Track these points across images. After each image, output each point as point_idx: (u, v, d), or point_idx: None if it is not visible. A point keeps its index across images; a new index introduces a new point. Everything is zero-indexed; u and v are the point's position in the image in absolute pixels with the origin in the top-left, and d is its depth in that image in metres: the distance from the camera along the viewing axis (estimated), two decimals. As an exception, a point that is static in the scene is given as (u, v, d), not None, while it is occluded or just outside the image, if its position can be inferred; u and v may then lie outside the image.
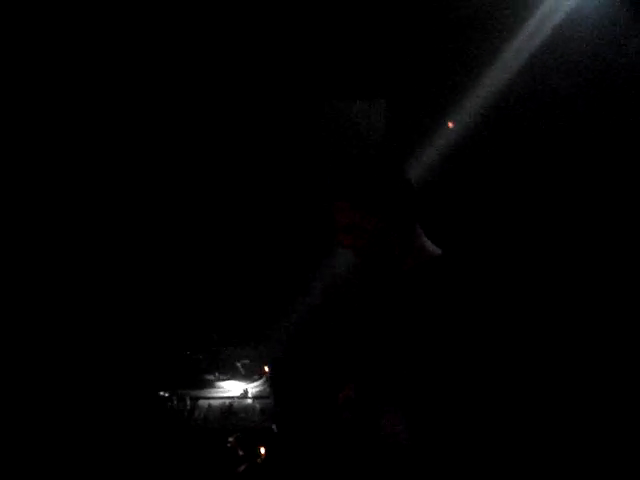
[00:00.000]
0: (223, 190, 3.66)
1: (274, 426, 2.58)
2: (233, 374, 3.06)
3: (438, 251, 2.09)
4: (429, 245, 2.09)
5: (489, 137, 3.48)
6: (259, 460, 2.26)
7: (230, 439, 2.33)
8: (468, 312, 1.98)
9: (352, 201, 1.98)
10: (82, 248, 3.46)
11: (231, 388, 2.94)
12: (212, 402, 2.80)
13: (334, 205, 2.01)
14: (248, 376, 3.04)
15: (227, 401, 2.79)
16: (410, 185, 2.08)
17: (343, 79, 3.75)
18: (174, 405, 2.75)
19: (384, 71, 3.69)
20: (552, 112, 3.38)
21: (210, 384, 2.98)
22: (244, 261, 3.64)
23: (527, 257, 3.48)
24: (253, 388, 2.93)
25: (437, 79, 3.53)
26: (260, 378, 3.03)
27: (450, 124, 3.52)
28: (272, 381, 3.00)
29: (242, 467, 2.26)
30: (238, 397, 2.84)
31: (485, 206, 3.51)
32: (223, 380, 3.01)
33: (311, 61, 3.70)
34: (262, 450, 2.30)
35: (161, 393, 2.82)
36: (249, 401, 2.81)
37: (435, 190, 3.43)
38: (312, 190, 3.72)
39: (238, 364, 3.12)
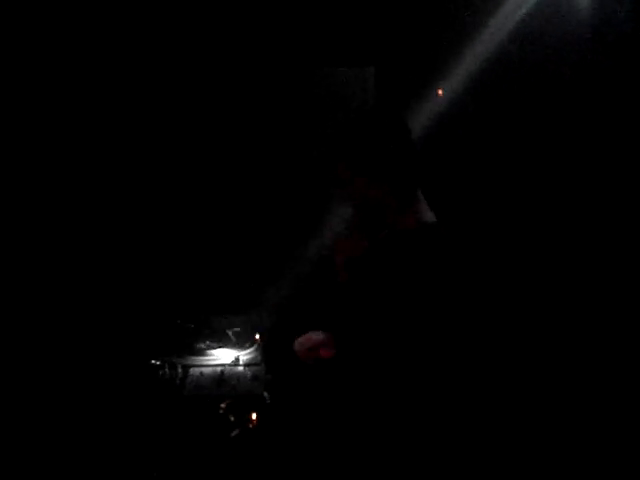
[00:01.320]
0: (211, 160, 3.65)
1: (266, 393, 2.62)
2: (224, 342, 3.08)
3: (433, 218, 2.11)
4: (426, 210, 2.10)
5: (478, 105, 3.47)
6: (251, 426, 2.29)
7: (222, 405, 2.37)
8: (457, 284, 2.01)
9: (353, 167, 2.01)
10: (68, 220, 3.45)
11: (222, 356, 2.97)
12: (204, 370, 2.82)
13: (338, 164, 2.03)
14: (239, 344, 3.07)
15: (219, 369, 2.82)
16: (414, 148, 2.09)
17: (331, 46, 3.72)
18: (166, 373, 2.78)
19: (373, 38, 3.66)
20: (541, 78, 3.37)
21: (201, 352, 2.99)
22: (234, 228, 3.64)
23: (521, 229, 3.49)
24: (244, 355, 2.95)
25: (426, 46, 3.50)
26: (251, 345, 3.05)
27: (440, 92, 3.51)
28: (263, 348, 3.03)
29: (234, 433, 2.29)
30: (229, 365, 2.86)
31: (474, 175, 3.52)
32: (214, 348, 3.03)
33: (299, 29, 3.67)
34: (254, 416, 2.33)
35: (153, 361, 2.85)
36: (240, 368, 2.84)
37: (424, 159, 3.44)
38: (301, 158, 3.71)
39: (229, 332, 3.15)
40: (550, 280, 3.43)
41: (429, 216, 2.10)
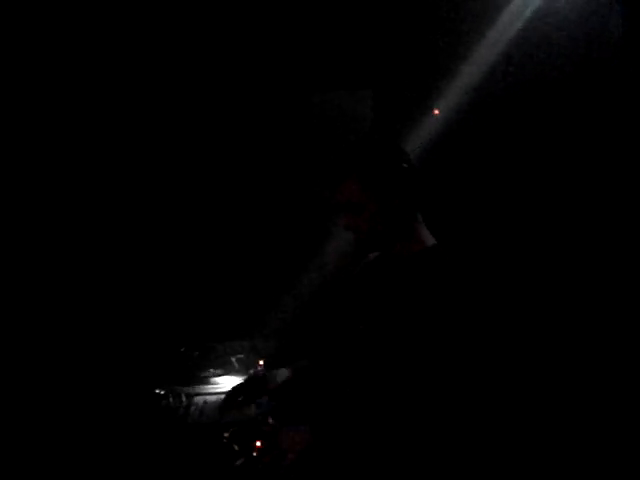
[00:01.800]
0: (212, 186, 3.66)
1: (270, 419, 2.58)
2: (228, 369, 3.06)
3: (433, 241, 2.10)
4: (425, 234, 2.10)
5: (475, 124, 3.48)
6: (255, 454, 2.25)
7: (225, 434, 2.33)
8: (459, 305, 1.98)
9: (361, 179, 2.00)
10: (71, 248, 3.45)
11: (226, 383, 2.94)
12: (207, 398, 2.80)
13: (342, 183, 2.02)
14: (242, 371, 3.04)
15: (222, 396, 2.79)
16: (415, 171, 2.10)
17: (329, 69, 3.74)
18: (170, 403, 2.76)
19: (369, 60, 3.69)
20: (538, 98, 3.38)
21: (205, 380, 2.97)
22: (236, 255, 3.64)
23: (522, 248, 3.48)
24: (249, 382, 2.92)
25: (422, 67, 3.52)
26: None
27: (436, 111, 3.52)
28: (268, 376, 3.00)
29: (239, 462, 2.26)
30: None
31: (474, 194, 3.51)
32: (218, 376, 3.01)
33: (296, 52, 3.69)
34: (258, 443, 2.29)
35: (157, 391, 2.83)
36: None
37: (423, 178, 3.43)
38: (302, 183, 3.72)
39: (233, 359, 3.13)
40: (554, 301, 3.41)
41: (431, 241, 2.09)
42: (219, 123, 3.71)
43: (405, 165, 2.05)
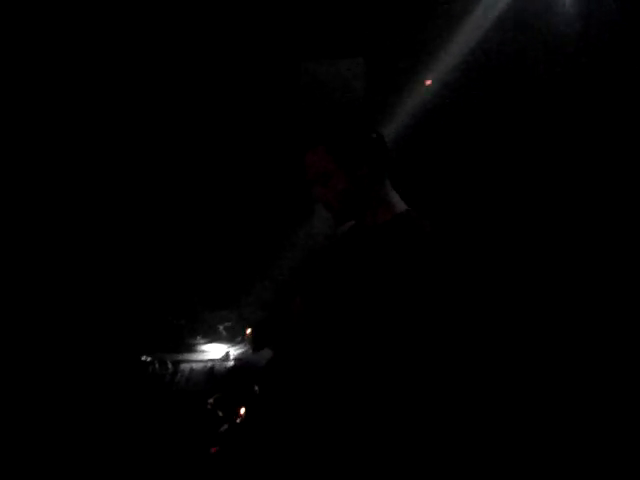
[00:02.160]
0: (199, 156, 3.64)
1: (256, 387, 2.60)
2: (215, 337, 3.07)
3: (403, 207, 2.06)
4: (396, 201, 2.06)
5: (466, 95, 3.45)
6: (239, 420, 2.27)
7: (209, 400, 2.35)
8: (434, 276, 1.94)
9: (328, 148, 1.95)
10: (60, 215, 3.44)
11: (213, 351, 2.96)
12: (194, 365, 2.81)
13: (310, 151, 1.98)
14: (230, 339, 3.06)
15: (209, 364, 2.81)
16: (382, 139, 2.04)
17: (321, 37, 3.70)
18: (156, 369, 2.77)
19: (362, 29, 3.64)
20: (529, 68, 3.35)
21: (192, 348, 2.99)
22: (224, 223, 3.63)
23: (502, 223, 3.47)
24: (235, 350, 2.94)
25: (415, 36, 3.48)
26: (242, 341, 3.04)
27: (428, 82, 3.48)
28: (254, 343, 3.01)
29: (223, 428, 2.28)
30: (220, 360, 2.85)
31: (460, 163, 3.49)
32: (205, 343, 3.02)
33: (288, 19, 3.65)
34: (242, 410, 2.31)
35: (143, 358, 2.84)
36: (231, 363, 2.83)
37: (412, 148, 3.42)
38: (285, 153, 3.69)
39: (220, 327, 3.14)
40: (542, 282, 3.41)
41: (401, 207, 2.04)
42: (203, 100, 3.68)
43: (373, 134, 2.01)
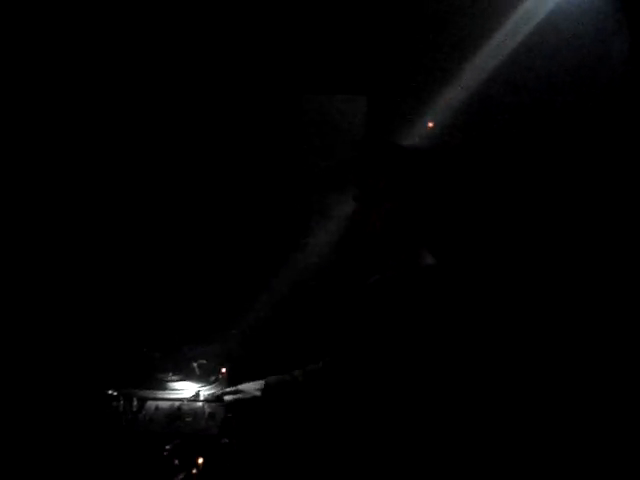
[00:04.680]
0: (190, 185, 3.56)
1: (222, 434, 2.45)
2: (187, 374, 2.91)
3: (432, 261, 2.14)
4: (425, 254, 2.16)
5: (470, 137, 3.37)
6: (195, 471, 2.13)
7: (167, 447, 2.20)
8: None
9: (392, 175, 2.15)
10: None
11: (183, 389, 2.80)
12: (160, 404, 2.65)
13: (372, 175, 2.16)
14: (203, 377, 2.89)
15: (176, 403, 2.66)
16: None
17: (324, 74, 3.66)
18: (119, 405, 2.62)
19: (365, 67, 3.59)
20: (535, 111, 3.28)
21: (161, 384, 2.83)
22: (207, 256, 3.53)
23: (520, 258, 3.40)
24: (206, 390, 2.78)
25: (419, 76, 3.41)
26: (216, 380, 2.88)
27: (430, 124, 3.40)
28: (228, 384, 2.87)
29: (178, 477, 2.13)
30: (188, 399, 2.70)
31: (465, 206, 3.42)
32: (176, 380, 2.87)
33: (290, 56, 3.61)
34: (200, 460, 2.17)
35: (109, 391, 2.69)
36: (199, 404, 2.67)
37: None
38: (284, 187, 3.62)
39: (195, 364, 2.98)
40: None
41: (429, 259, 2.16)
42: (213, 122, 3.63)
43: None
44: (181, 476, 2.13)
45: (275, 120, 3.70)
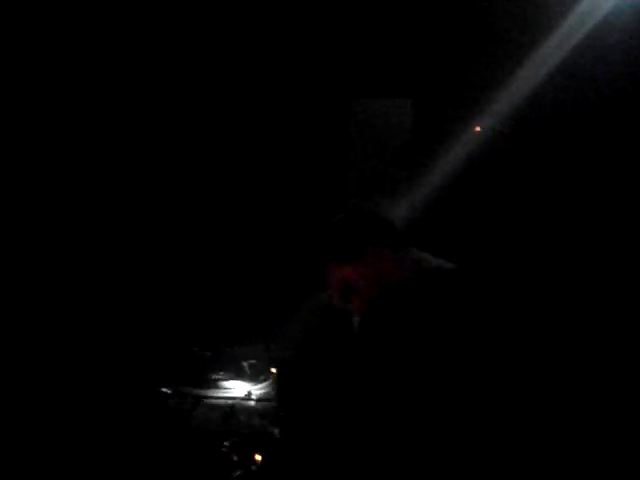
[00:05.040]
0: (236, 187, 3.61)
1: (276, 431, 2.49)
2: (238, 374, 2.96)
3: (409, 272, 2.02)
4: (406, 267, 2.00)
5: (516, 143, 3.36)
6: (254, 467, 2.17)
7: (225, 443, 2.25)
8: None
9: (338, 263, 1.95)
10: (89, 244, 3.42)
11: (235, 388, 2.86)
12: (214, 402, 2.71)
13: (324, 271, 1.98)
14: (253, 377, 2.95)
15: (229, 402, 2.71)
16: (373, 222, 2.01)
17: (371, 78, 3.68)
18: (174, 403, 2.68)
19: (412, 71, 3.61)
20: (582, 118, 3.26)
21: (214, 383, 2.88)
22: (256, 258, 3.57)
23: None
24: (257, 390, 2.83)
25: (465, 81, 3.42)
26: (266, 380, 2.93)
27: (477, 128, 3.40)
28: (278, 384, 2.91)
29: (236, 473, 2.17)
30: (241, 399, 2.75)
31: (506, 210, 3.41)
32: (227, 380, 2.92)
33: (339, 60, 3.63)
34: (258, 457, 2.21)
35: (163, 390, 2.75)
36: (252, 403, 2.72)
37: (458, 195, 3.34)
38: (332, 189, 3.65)
39: (244, 363, 3.03)
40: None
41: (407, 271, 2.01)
42: (256, 130, 3.68)
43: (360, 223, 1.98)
44: (239, 472, 2.16)
45: (322, 124, 3.73)
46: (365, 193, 3.70)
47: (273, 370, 2.98)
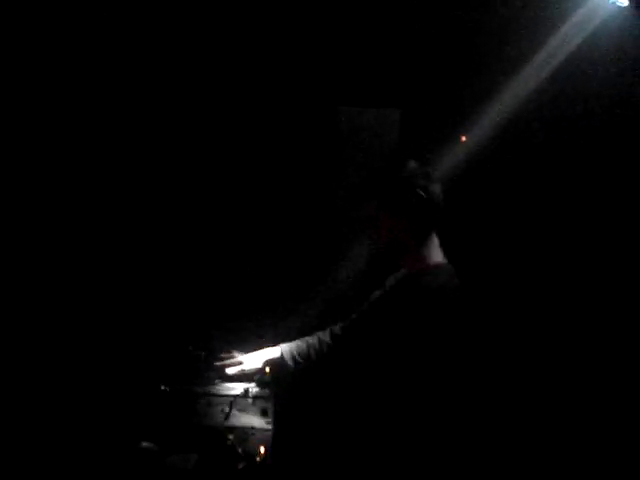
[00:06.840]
0: (233, 188, 3.68)
1: (273, 427, 2.58)
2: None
3: (436, 260, 2.34)
4: (431, 254, 2.36)
5: (502, 153, 3.48)
6: (258, 459, 2.26)
7: (230, 437, 2.33)
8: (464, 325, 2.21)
9: (379, 200, 2.35)
10: (81, 241, 3.46)
11: (232, 387, 2.94)
12: (212, 400, 2.79)
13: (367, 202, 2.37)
14: (248, 376, 3.03)
15: (228, 399, 2.79)
16: (431, 198, 2.34)
17: (357, 87, 3.77)
18: (174, 400, 2.75)
19: (400, 81, 3.70)
20: (571, 130, 3.37)
21: (211, 382, 2.97)
22: (250, 258, 3.65)
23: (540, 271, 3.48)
24: (254, 388, 2.92)
25: (454, 92, 3.53)
26: (260, 378, 3.01)
27: (463, 138, 3.52)
28: (274, 381, 2.99)
29: (241, 465, 2.26)
30: (239, 396, 2.83)
31: (495, 220, 3.52)
32: (220, 378, 2.99)
33: (325, 68, 3.72)
34: (262, 449, 2.30)
35: (162, 387, 2.82)
36: (249, 401, 2.80)
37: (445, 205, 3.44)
38: (319, 199, 3.74)
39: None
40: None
41: (441, 258, 2.37)
42: (244, 139, 3.75)
43: (421, 192, 2.30)
44: (244, 464, 2.25)
45: (310, 133, 3.81)
46: (353, 203, 3.78)
47: (267, 369, 3.06)
